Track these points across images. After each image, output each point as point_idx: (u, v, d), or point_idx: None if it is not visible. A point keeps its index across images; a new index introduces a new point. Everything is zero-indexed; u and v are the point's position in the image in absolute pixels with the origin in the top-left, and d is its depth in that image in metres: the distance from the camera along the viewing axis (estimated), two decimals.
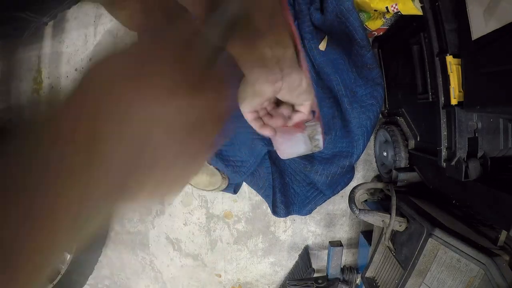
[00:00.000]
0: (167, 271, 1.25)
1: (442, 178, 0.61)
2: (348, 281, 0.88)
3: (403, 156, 0.74)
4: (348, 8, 0.70)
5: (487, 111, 0.49)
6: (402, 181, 0.74)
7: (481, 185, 0.50)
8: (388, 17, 0.73)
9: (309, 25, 0.78)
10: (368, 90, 0.78)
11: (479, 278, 0.49)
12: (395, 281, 0.61)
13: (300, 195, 0.90)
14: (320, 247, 1.07)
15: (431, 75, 0.58)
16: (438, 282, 0.54)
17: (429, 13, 0.54)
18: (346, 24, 0.71)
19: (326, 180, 0.85)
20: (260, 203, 1.07)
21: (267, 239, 1.10)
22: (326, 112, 0.85)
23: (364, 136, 0.80)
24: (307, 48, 0.80)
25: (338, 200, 1.01)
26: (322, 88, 0.84)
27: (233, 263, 1.16)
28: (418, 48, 0.63)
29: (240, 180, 0.96)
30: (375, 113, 0.78)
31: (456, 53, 0.51)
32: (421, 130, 0.71)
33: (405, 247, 0.61)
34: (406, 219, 0.63)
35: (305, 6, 0.78)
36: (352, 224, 1.04)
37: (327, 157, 0.86)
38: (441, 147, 0.56)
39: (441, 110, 0.55)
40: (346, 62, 0.79)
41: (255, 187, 0.95)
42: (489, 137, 0.52)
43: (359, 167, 0.96)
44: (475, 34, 0.46)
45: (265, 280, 1.16)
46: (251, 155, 0.89)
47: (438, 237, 0.54)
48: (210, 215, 1.12)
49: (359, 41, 0.72)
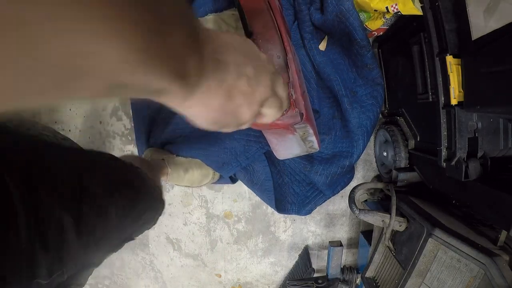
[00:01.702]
0: (167, 271, 1.25)
1: (442, 178, 0.61)
2: (348, 281, 0.88)
3: (403, 156, 0.74)
4: (348, 8, 0.70)
5: (487, 111, 0.49)
6: (402, 181, 0.74)
7: (481, 185, 0.50)
8: (388, 17, 0.73)
9: (309, 25, 0.78)
10: (368, 90, 0.78)
11: (479, 278, 0.49)
12: (395, 281, 0.61)
13: (300, 195, 0.90)
14: (320, 247, 1.07)
15: (431, 75, 0.58)
16: (438, 282, 0.54)
17: (429, 13, 0.54)
18: (346, 24, 0.71)
19: (326, 180, 0.85)
20: (260, 203, 1.07)
21: (267, 239, 1.10)
22: (326, 112, 0.85)
23: (364, 136, 0.80)
24: (307, 48, 0.80)
25: (338, 200, 1.01)
26: (322, 88, 0.84)
27: (233, 263, 1.16)
28: (418, 48, 0.63)
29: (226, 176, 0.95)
30: (375, 113, 0.79)
31: (456, 53, 0.51)
32: (421, 130, 0.71)
33: (405, 247, 0.61)
34: (406, 219, 0.63)
35: (305, 6, 0.78)
36: (352, 224, 1.04)
37: (327, 157, 0.86)
38: (441, 147, 0.56)
39: (441, 110, 0.55)
40: (346, 62, 0.79)
41: (249, 183, 0.94)
42: (489, 137, 0.52)
43: (359, 167, 0.96)
44: (475, 34, 0.46)
45: (265, 280, 1.16)
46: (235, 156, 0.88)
47: (438, 237, 0.54)
48: (210, 215, 1.12)
49: (359, 41, 0.72)
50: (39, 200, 0.40)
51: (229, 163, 0.88)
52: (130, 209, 0.55)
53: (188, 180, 0.91)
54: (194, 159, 0.91)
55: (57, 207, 0.42)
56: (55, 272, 0.41)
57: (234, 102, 0.30)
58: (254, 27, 0.52)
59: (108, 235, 0.51)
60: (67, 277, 0.44)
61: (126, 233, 0.58)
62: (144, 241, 1.23)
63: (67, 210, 0.43)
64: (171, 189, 1.14)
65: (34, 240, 0.37)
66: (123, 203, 0.53)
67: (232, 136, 0.86)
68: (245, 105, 0.31)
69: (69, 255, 0.43)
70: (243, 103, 0.31)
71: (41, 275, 0.39)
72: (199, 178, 0.92)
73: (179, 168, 0.89)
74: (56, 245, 0.41)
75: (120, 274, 1.31)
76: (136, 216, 0.58)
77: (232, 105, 0.30)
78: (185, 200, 1.13)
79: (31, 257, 0.37)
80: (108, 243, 0.52)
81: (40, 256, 0.38)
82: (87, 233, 0.45)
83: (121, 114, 1.14)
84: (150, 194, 0.66)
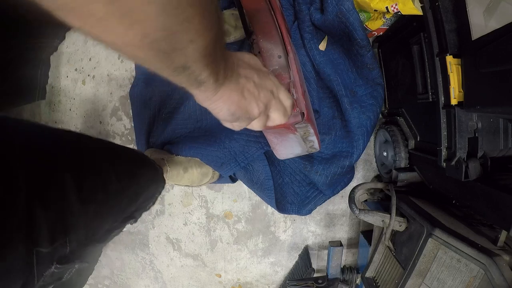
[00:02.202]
0: (167, 271, 1.25)
1: (442, 178, 0.61)
2: (348, 281, 0.88)
3: (403, 156, 0.74)
4: (348, 8, 0.70)
5: (487, 111, 0.49)
6: (402, 181, 0.74)
7: (481, 185, 0.50)
8: (388, 17, 0.73)
9: (309, 25, 0.78)
10: (368, 90, 0.78)
11: (479, 278, 0.49)
12: (395, 281, 0.61)
13: (300, 195, 0.90)
14: (320, 247, 1.07)
15: (431, 75, 0.58)
16: (438, 282, 0.54)
17: (429, 13, 0.54)
18: (346, 24, 0.71)
19: (326, 180, 0.85)
20: (260, 203, 1.07)
21: (267, 239, 1.10)
22: (326, 112, 0.85)
23: (364, 136, 0.80)
24: (307, 48, 0.80)
25: (338, 200, 1.01)
26: (322, 88, 0.84)
27: (233, 263, 1.16)
28: (418, 48, 0.63)
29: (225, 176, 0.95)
30: (375, 113, 0.79)
31: (456, 53, 0.51)
32: (421, 130, 0.71)
33: (405, 247, 0.61)
34: (406, 219, 0.63)
35: (305, 6, 0.78)
36: (352, 224, 1.04)
37: (327, 157, 0.86)
38: (441, 147, 0.56)
39: (441, 110, 0.55)
40: (346, 62, 0.79)
41: (249, 182, 0.94)
42: (489, 137, 0.52)
43: (359, 167, 0.97)
44: (475, 34, 0.46)
45: (265, 280, 1.16)
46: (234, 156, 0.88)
47: (438, 237, 0.54)
48: (210, 215, 1.12)
49: (359, 41, 0.72)
50: (39, 160, 0.41)
51: (228, 163, 0.88)
52: (130, 178, 0.57)
53: (187, 179, 0.91)
54: (193, 158, 0.91)
55: (58, 168, 0.43)
56: (58, 239, 0.41)
57: (245, 99, 0.40)
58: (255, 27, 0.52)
59: (110, 202, 0.51)
60: (69, 251, 0.43)
61: (128, 210, 0.58)
62: (144, 241, 1.23)
63: (68, 170, 0.44)
64: (171, 189, 1.14)
65: (33, 200, 0.38)
66: (124, 169, 0.56)
67: (232, 136, 0.86)
68: (254, 102, 0.42)
69: (71, 218, 0.43)
70: (252, 101, 0.41)
71: (42, 240, 0.38)
72: (199, 177, 0.92)
73: (179, 167, 0.89)
74: (57, 205, 0.41)
75: (120, 274, 1.32)
76: (137, 189, 0.59)
77: (244, 101, 0.40)
78: (185, 200, 1.13)
79: (30, 219, 0.37)
80: (110, 213, 0.52)
81: (39, 216, 0.38)
82: (88, 196, 0.46)
83: (121, 114, 1.14)
84: (152, 168, 0.67)
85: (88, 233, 0.47)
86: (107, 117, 1.16)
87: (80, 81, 1.17)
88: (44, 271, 0.40)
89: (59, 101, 1.22)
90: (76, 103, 1.19)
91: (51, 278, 0.42)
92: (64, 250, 0.42)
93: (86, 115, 1.18)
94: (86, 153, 0.51)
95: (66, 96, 1.21)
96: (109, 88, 1.14)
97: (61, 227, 0.41)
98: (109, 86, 1.14)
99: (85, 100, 1.18)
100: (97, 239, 0.51)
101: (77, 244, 0.45)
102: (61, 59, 1.18)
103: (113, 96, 1.14)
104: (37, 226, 0.38)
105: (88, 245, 0.48)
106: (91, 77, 1.15)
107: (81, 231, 0.45)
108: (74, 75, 1.18)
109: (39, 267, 0.39)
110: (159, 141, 0.99)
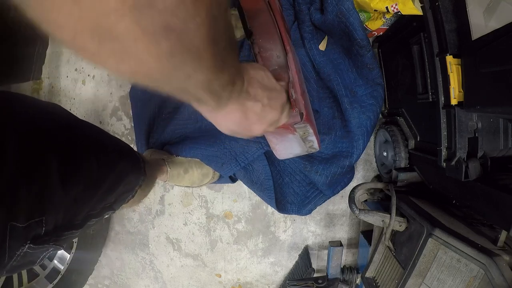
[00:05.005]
0: (167, 271, 1.25)
1: (442, 178, 0.61)
2: (348, 281, 0.88)
3: (403, 156, 0.74)
4: (348, 8, 0.70)
5: (487, 111, 0.49)
6: (402, 181, 0.74)
7: (481, 185, 0.50)
8: (388, 17, 0.73)
9: (309, 25, 0.78)
10: (368, 90, 0.78)
11: (479, 278, 0.49)
12: (395, 281, 0.61)
13: (300, 195, 0.90)
14: (320, 247, 1.07)
15: (431, 75, 0.58)
16: (438, 282, 0.54)
17: (429, 13, 0.54)
18: (346, 24, 0.71)
19: (326, 180, 0.85)
20: (260, 203, 1.07)
21: (267, 239, 1.10)
22: (326, 112, 0.85)
23: (364, 136, 0.80)
24: (307, 48, 0.80)
25: (338, 200, 1.01)
26: (322, 88, 0.84)
27: (233, 263, 1.16)
28: (418, 48, 0.63)
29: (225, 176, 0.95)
30: (375, 113, 0.79)
31: (456, 53, 0.51)
32: (421, 130, 0.71)
33: (405, 247, 0.61)
34: (406, 219, 0.63)
35: (305, 6, 0.78)
36: (352, 224, 1.04)
37: (327, 157, 0.86)
38: (441, 147, 0.56)
39: (441, 110, 0.55)
40: (346, 62, 0.79)
41: (249, 182, 0.94)
42: (489, 137, 0.52)
43: (359, 167, 0.96)
44: (475, 34, 0.46)
45: (265, 280, 1.16)
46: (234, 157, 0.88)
47: (438, 237, 0.54)
48: (210, 215, 1.12)
49: (359, 41, 0.72)
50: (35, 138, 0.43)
51: (228, 163, 0.88)
52: (110, 167, 0.57)
53: (188, 180, 0.91)
54: (194, 159, 0.91)
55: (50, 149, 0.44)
56: (34, 217, 0.41)
57: (248, 120, 0.40)
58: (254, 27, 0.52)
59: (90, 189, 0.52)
60: (44, 231, 0.44)
61: (107, 199, 0.58)
62: (144, 241, 1.23)
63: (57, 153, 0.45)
64: (171, 189, 1.14)
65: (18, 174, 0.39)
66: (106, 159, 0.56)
67: (232, 136, 0.86)
68: (258, 123, 0.42)
69: (51, 199, 0.44)
70: (256, 122, 0.41)
71: (18, 215, 0.39)
72: (199, 177, 0.92)
73: (179, 168, 0.89)
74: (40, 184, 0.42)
75: (120, 274, 1.32)
76: (117, 177, 0.59)
77: (246, 122, 0.40)
78: (185, 200, 1.13)
79: (12, 192, 0.38)
80: (89, 200, 0.53)
81: (21, 191, 0.39)
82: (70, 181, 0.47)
83: (121, 114, 1.14)
84: (132, 160, 0.67)
85: (65, 217, 0.48)
86: (107, 117, 1.16)
87: (80, 81, 1.18)
88: (16, 250, 0.41)
89: (59, 101, 1.22)
90: (76, 103, 1.19)
91: (23, 258, 0.42)
92: (39, 229, 0.43)
93: (86, 115, 1.18)
94: (76, 139, 0.52)
95: (66, 96, 1.21)
96: (109, 88, 1.14)
97: (39, 205, 0.42)
98: (109, 86, 1.14)
99: (85, 100, 1.18)
100: (74, 225, 0.51)
101: (53, 227, 0.45)
102: (61, 59, 1.18)
103: (113, 96, 1.14)
104: (16, 199, 0.38)
105: (65, 230, 0.48)
106: (91, 77, 1.15)
107: (59, 214, 0.46)
108: (74, 75, 1.18)
109: (12, 242, 0.39)
110: (159, 142, 0.99)
